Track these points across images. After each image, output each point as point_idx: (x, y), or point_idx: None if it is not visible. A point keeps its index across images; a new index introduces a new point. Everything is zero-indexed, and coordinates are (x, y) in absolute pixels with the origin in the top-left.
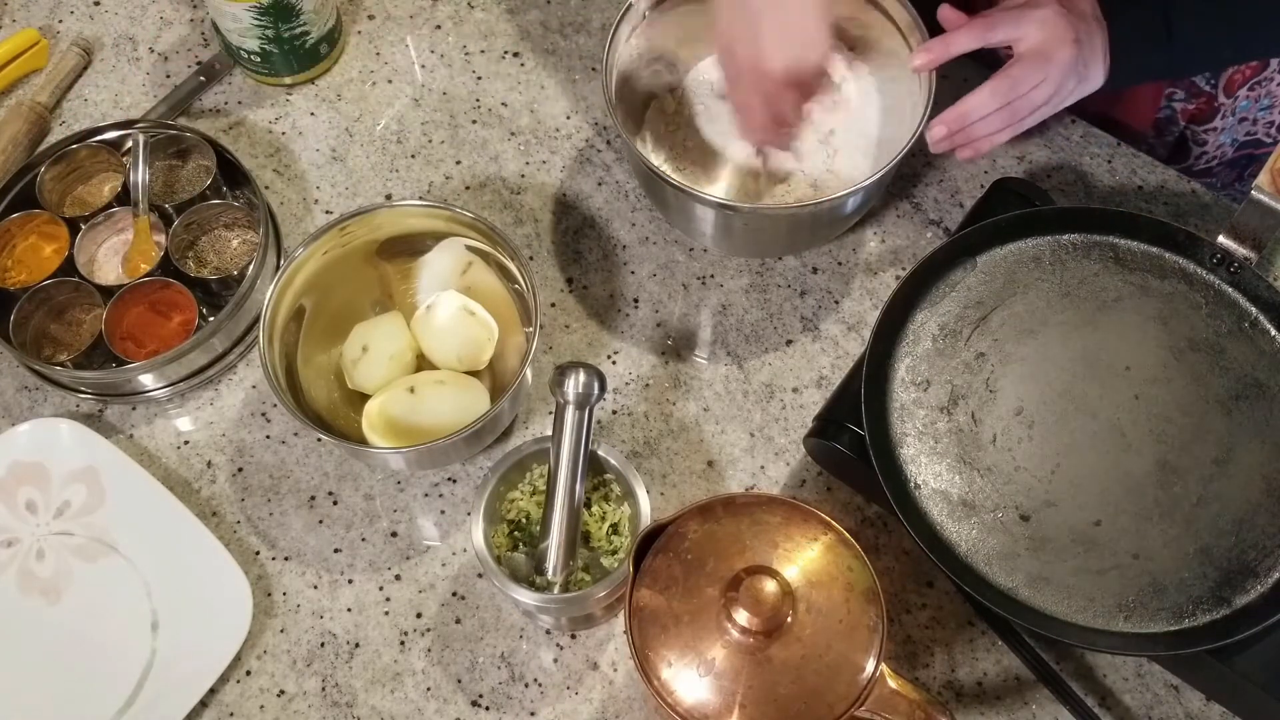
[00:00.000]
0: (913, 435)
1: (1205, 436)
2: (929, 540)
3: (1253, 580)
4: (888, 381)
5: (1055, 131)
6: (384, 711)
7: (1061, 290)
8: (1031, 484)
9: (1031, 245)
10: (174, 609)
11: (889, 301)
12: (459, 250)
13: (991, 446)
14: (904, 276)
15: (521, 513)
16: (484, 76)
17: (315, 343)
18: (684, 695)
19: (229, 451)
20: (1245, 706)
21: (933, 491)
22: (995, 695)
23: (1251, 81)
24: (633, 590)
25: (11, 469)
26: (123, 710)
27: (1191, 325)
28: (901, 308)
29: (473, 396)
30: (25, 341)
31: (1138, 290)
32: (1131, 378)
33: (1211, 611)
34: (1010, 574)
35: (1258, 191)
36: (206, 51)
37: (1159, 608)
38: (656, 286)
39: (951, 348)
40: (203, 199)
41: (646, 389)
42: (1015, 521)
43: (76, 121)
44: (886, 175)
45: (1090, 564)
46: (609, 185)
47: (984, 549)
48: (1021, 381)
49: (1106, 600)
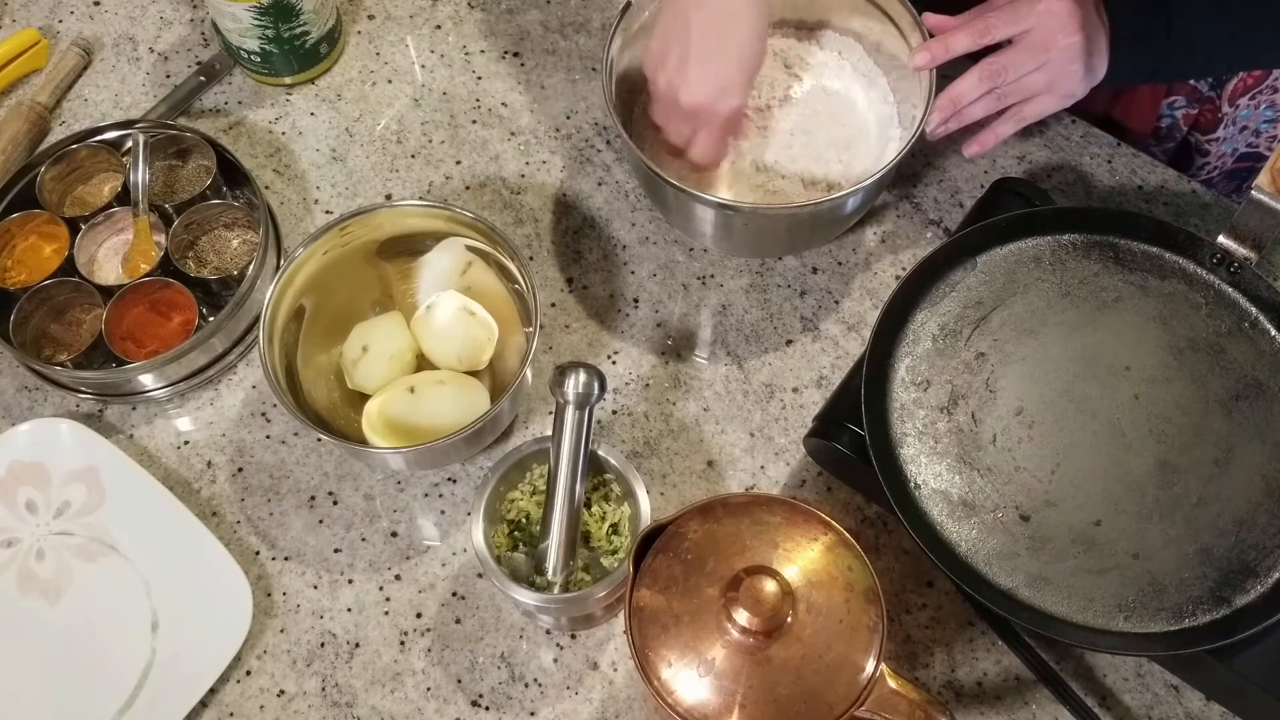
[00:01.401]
0: (913, 435)
1: (1205, 436)
2: (929, 540)
3: (1253, 580)
4: (888, 382)
5: (1055, 131)
6: (384, 711)
7: (1061, 290)
8: (1031, 484)
9: (1032, 245)
10: (174, 609)
11: (889, 301)
12: (459, 250)
13: (991, 446)
14: (904, 277)
15: (521, 513)
16: (484, 76)
17: (315, 343)
18: (684, 695)
19: (229, 451)
20: (1245, 706)
21: (933, 491)
22: (995, 695)
23: (1254, 90)
24: (633, 590)
25: (11, 469)
26: (123, 710)
27: (1191, 325)
28: (902, 308)
29: (473, 396)
30: (25, 341)
31: (1138, 290)
32: (1131, 378)
33: (1211, 611)
34: (1010, 574)
35: (1258, 191)
36: (206, 51)
37: (1159, 608)
38: (656, 286)
39: (951, 348)
40: (203, 199)
41: (646, 389)
42: (1015, 521)
43: (76, 121)
44: (886, 175)
45: (1090, 564)
46: (609, 185)
47: (984, 549)
48: (1021, 381)
49: (1106, 600)
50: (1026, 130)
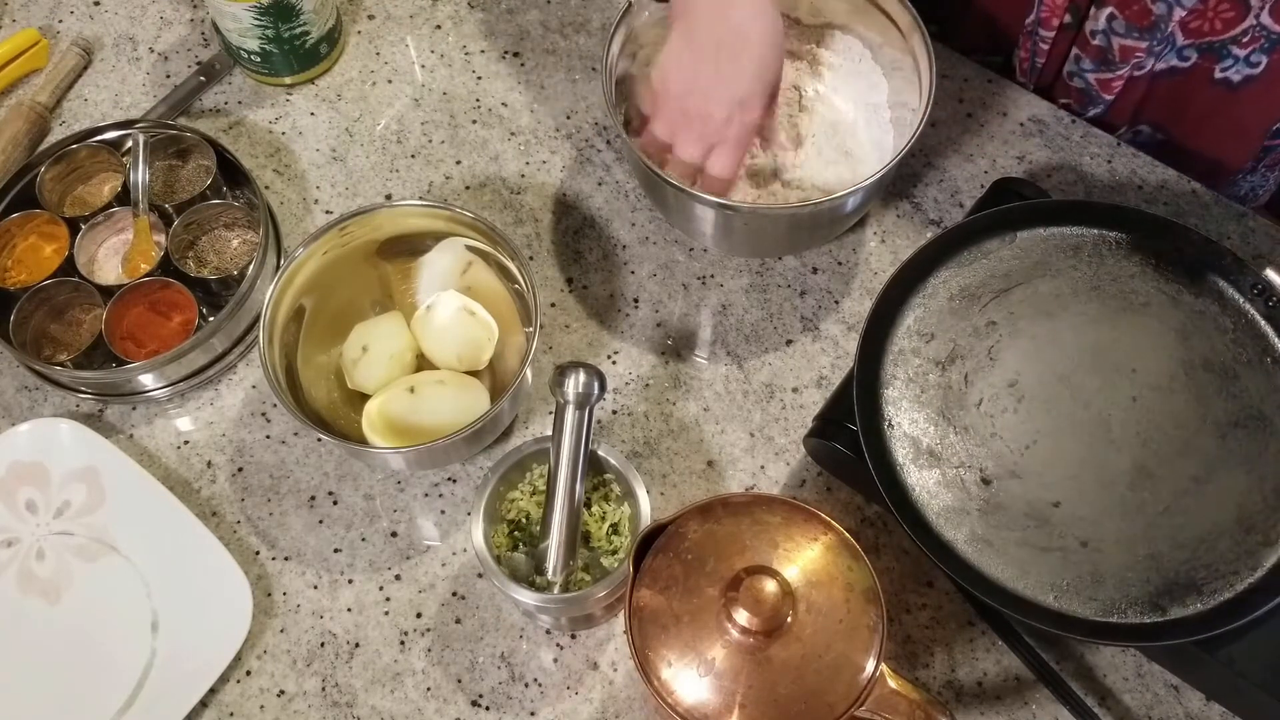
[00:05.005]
0: (901, 380)
1: (1192, 453)
2: (887, 480)
3: (1195, 597)
4: (893, 325)
5: (1055, 131)
6: (384, 711)
7: (1091, 283)
8: (1003, 452)
9: (1075, 234)
10: (174, 609)
11: (918, 250)
12: (459, 250)
13: (975, 409)
14: (937, 233)
15: (521, 513)
16: (484, 76)
17: (315, 343)
18: (684, 695)
19: (229, 451)
20: (1245, 706)
21: (904, 434)
22: (995, 695)
23: None
24: (633, 590)
25: (11, 469)
26: (123, 710)
27: (1212, 346)
28: (928, 261)
29: (473, 396)
30: (25, 341)
31: (1169, 301)
32: (1135, 380)
33: (1142, 615)
34: (955, 529)
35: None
36: (206, 51)
37: (1090, 597)
38: (656, 286)
39: (966, 310)
40: (203, 199)
41: (646, 389)
42: (975, 482)
43: (76, 121)
44: (886, 175)
45: (1037, 540)
46: (609, 185)
47: (938, 500)
48: (1024, 357)
49: (1041, 576)
50: (1026, 130)
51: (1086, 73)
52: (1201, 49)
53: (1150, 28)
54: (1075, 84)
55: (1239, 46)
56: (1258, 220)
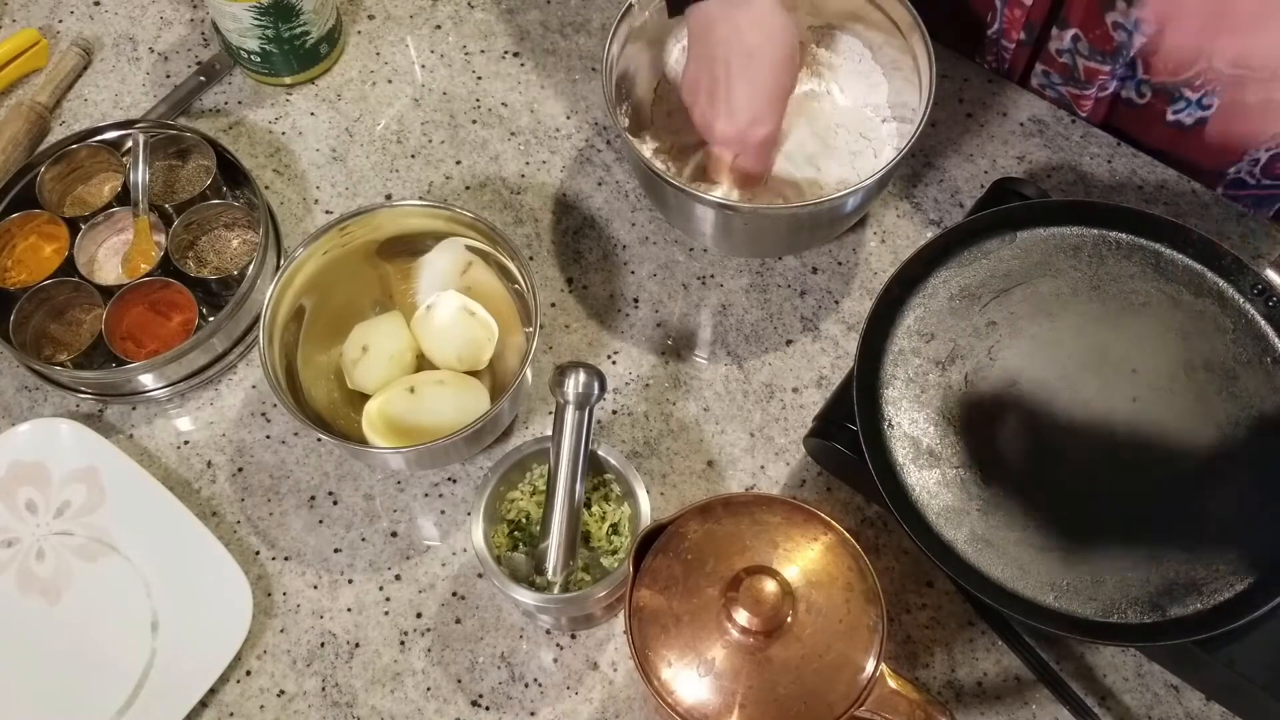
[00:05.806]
0: (901, 380)
1: (1192, 453)
2: (887, 480)
3: (1195, 597)
4: (893, 325)
5: (1055, 131)
6: (384, 711)
7: (1092, 283)
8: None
9: (1075, 234)
10: (174, 609)
11: (917, 251)
12: (459, 250)
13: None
14: (937, 233)
15: (521, 513)
16: (484, 76)
17: (315, 343)
18: (684, 695)
19: (229, 451)
20: (1245, 706)
21: (904, 434)
22: (995, 695)
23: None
24: (633, 590)
25: (11, 469)
26: (123, 710)
27: (1212, 346)
28: (928, 261)
29: (473, 396)
30: (25, 341)
31: (1169, 301)
32: (1136, 381)
33: (1142, 615)
34: (955, 529)
35: None
36: (206, 51)
37: (1090, 597)
38: (656, 286)
39: (966, 310)
40: (203, 199)
41: (646, 389)
42: (975, 482)
43: (76, 121)
44: (886, 175)
45: (1036, 540)
46: (609, 185)
47: (938, 500)
48: (1024, 357)
49: (1040, 576)
50: (1026, 130)
51: (1058, 86)
52: (1155, 88)
53: (1113, 53)
54: (1049, 95)
55: (1191, 89)
56: (1258, 220)
